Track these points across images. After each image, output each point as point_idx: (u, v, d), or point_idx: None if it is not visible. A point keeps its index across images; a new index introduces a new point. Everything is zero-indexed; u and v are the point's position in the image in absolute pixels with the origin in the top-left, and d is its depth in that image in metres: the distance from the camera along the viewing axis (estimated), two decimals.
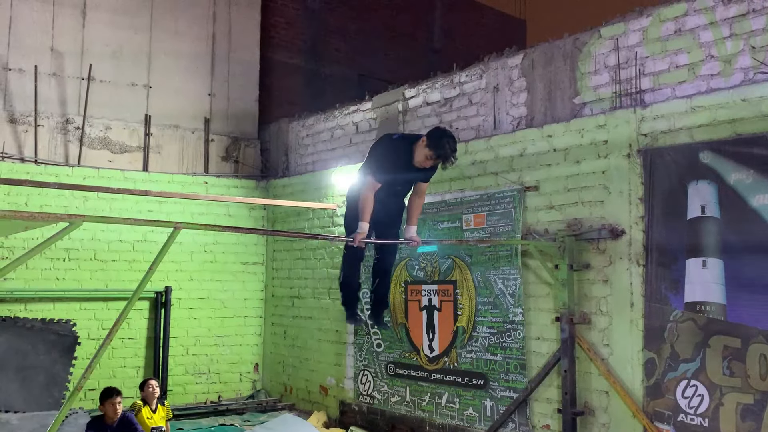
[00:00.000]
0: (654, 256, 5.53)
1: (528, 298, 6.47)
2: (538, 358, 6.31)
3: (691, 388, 5.21)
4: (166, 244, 4.04)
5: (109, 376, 8.85)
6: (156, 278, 9.24)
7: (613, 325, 5.77)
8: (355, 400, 8.31)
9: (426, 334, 7.43)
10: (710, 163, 5.24)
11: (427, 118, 7.89)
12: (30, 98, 9.13)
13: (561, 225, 6.21)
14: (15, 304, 8.59)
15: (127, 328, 9.17)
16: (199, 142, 10.35)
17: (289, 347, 9.72)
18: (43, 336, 8.50)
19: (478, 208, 7.00)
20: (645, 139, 5.69)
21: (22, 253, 6.67)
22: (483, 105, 7.26)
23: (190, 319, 9.67)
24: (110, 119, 9.72)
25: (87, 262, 9.07)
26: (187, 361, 9.59)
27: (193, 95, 10.41)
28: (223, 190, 10.03)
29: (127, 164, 9.70)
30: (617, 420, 5.68)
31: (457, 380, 7.02)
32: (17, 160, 8.95)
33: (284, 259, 10.02)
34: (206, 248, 9.87)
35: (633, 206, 5.72)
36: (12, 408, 7.96)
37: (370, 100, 8.76)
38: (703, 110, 5.32)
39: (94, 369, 7.97)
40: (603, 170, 5.96)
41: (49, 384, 8.33)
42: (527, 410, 6.34)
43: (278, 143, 10.58)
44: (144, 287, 4.01)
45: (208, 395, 9.68)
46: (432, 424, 7.25)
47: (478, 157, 7.04)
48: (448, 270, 7.27)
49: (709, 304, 5.19)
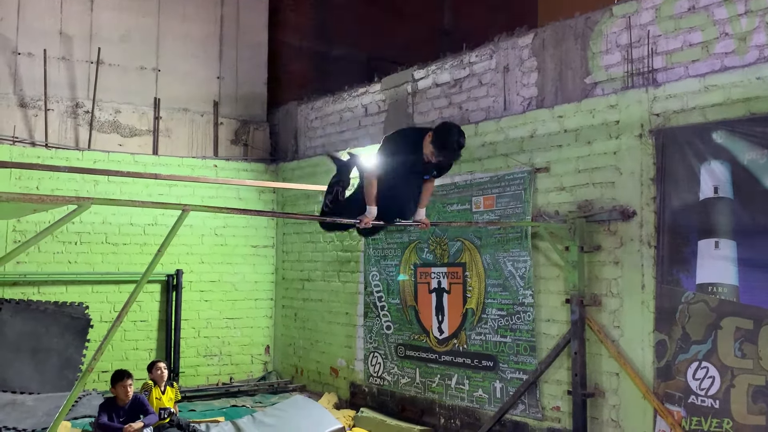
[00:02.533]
0: (665, 238, 5.48)
1: (538, 280, 6.44)
2: (548, 340, 6.30)
3: (702, 369, 5.18)
4: (175, 226, 4.04)
5: (122, 359, 8.94)
6: (167, 261, 9.33)
7: (624, 307, 5.74)
8: (365, 381, 8.35)
9: (435, 316, 7.43)
10: (723, 143, 5.17)
11: (436, 100, 7.83)
12: (39, 82, 9.14)
13: (572, 207, 6.16)
14: (28, 287, 8.68)
15: (139, 311, 9.26)
16: (208, 126, 10.35)
17: (299, 329, 9.77)
18: (57, 319, 8.59)
19: (488, 191, 6.95)
20: (657, 119, 5.61)
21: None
22: (493, 86, 7.19)
23: (202, 301, 9.74)
24: (119, 103, 9.73)
25: (98, 245, 9.13)
26: (198, 343, 9.67)
27: (201, 78, 10.39)
28: (232, 174, 10.04)
29: (136, 148, 9.72)
30: (627, 402, 5.67)
31: (467, 362, 7.03)
32: (28, 144, 8.99)
33: (294, 242, 10.04)
34: (216, 231, 9.91)
35: (645, 187, 5.66)
36: (27, 389, 8.07)
37: (379, 82, 8.70)
38: (717, 89, 5.23)
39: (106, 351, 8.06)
40: (614, 151, 5.90)
41: (63, 366, 8.43)
42: (537, 392, 6.34)
43: (287, 126, 10.56)
44: (154, 269, 4.01)
45: (220, 377, 9.76)
46: (442, 405, 7.28)
47: (488, 139, 6.99)
48: (458, 252, 7.25)
49: (721, 286, 5.14)
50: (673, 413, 5.31)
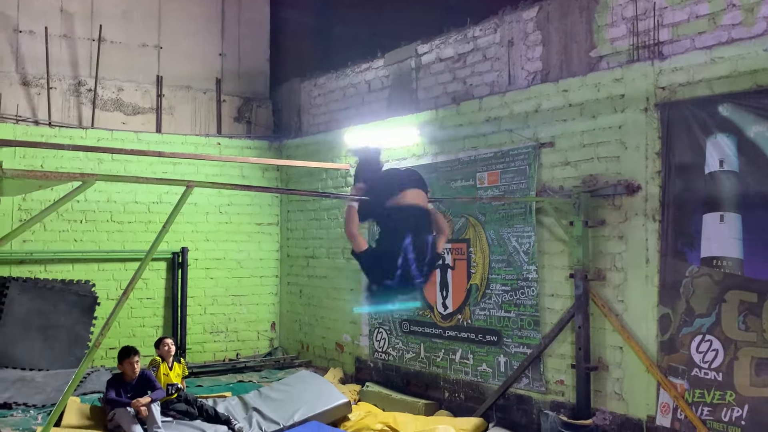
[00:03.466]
0: (670, 212, 5.47)
1: (542, 256, 6.45)
2: (552, 314, 6.32)
3: (706, 342, 5.20)
4: (179, 202, 4.05)
5: (129, 335, 9.03)
6: (172, 239, 9.37)
7: (628, 281, 5.75)
8: (370, 356, 8.42)
9: (440, 292, 7.46)
10: (730, 116, 5.12)
11: (440, 75, 7.78)
12: (41, 60, 9.11)
13: (576, 181, 6.15)
14: (35, 265, 8.74)
15: (145, 288, 9.32)
16: (211, 103, 10.31)
17: (305, 306, 9.82)
18: (64, 296, 8.67)
19: (492, 166, 6.93)
20: (663, 92, 5.56)
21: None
22: (497, 60, 7.13)
23: (207, 279, 9.79)
24: (122, 81, 9.70)
25: (104, 223, 9.17)
26: (204, 320, 9.75)
27: (203, 55, 10.34)
28: (236, 152, 10.03)
29: (140, 126, 9.70)
30: (631, 375, 5.71)
31: (471, 337, 7.07)
32: (31, 122, 8.98)
33: (298, 219, 10.06)
34: (221, 209, 9.93)
35: (650, 161, 5.63)
36: (36, 366, 8.17)
37: (382, 58, 8.63)
38: (724, 61, 5.18)
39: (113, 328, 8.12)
40: (619, 125, 5.86)
41: (70, 343, 8.52)
42: (541, 366, 6.39)
43: (290, 103, 10.52)
44: (158, 245, 4.03)
45: (226, 353, 9.85)
46: (446, 379, 7.34)
47: (492, 114, 6.95)
48: (462, 229, 7.25)
49: (725, 259, 5.14)
50: (676, 386, 5.35)
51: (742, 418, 4.97)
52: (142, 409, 6.12)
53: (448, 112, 7.46)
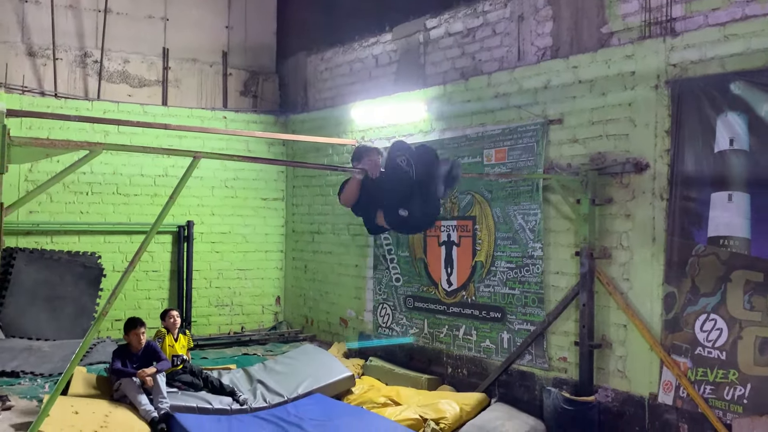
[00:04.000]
0: (678, 190, 5.44)
1: (548, 233, 6.44)
2: (557, 292, 6.33)
3: (710, 321, 5.20)
4: (186, 173, 4.05)
5: (135, 307, 9.10)
6: (178, 213, 9.39)
7: (634, 260, 5.74)
8: (374, 331, 8.47)
9: (444, 268, 7.47)
10: (741, 94, 5.06)
11: (449, 50, 7.70)
12: (47, 31, 9.06)
13: (584, 159, 6.11)
14: (41, 236, 8.78)
15: (151, 261, 9.37)
16: (217, 76, 10.26)
17: (309, 281, 9.86)
18: (70, 268, 8.72)
19: (500, 143, 6.89)
20: (674, 69, 5.50)
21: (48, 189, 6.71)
22: (507, 35, 7.05)
23: (213, 252, 9.83)
24: (128, 53, 9.64)
25: (110, 195, 9.18)
26: (210, 294, 9.81)
27: (210, 28, 10.26)
28: (242, 126, 9.99)
29: (146, 98, 9.67)
30: (634, 353, 5.72)
31: (475, 313, 7.09)
32: (37, 93, 8.96)
33: (304, 195, 10.06)
34: (227, 183, 9.93)
35: (659, 139, 5.59)
36: (43, 336, 8.25)
37: (390, 32, 8.54)
38: (737, 38, 5.10)
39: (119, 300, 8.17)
40: (629, 102, 5.81)
41: (77, 314, 8.59)
42: (544, 343, 6.41)
43: (296, 77, 10.45)
44: (165, 217, 4.04)
45: (231, 326, 9.92)
46: (449, 355, 7.38)
47: (501, 90, 6.89)
48: (468, 206, 7.23)
49: (732, 239, 5.12)
50: (679, 364, 5.36)
51: (744, 396, 4.98)
52: (147, 380, 6.18)
53: (456, 87, 7.40)
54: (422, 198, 4.71)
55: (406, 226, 4.95)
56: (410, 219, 4.71)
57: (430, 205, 4.83)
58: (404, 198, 4.64)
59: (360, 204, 5.00)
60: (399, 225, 4.85)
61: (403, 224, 4.84)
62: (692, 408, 5.28)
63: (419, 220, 4.81)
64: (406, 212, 4.68)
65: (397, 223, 4.79)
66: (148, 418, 5.92)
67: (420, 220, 4.84)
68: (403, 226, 4.93)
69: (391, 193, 4.70)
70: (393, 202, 4.72)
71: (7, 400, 6.16)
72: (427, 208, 4.80)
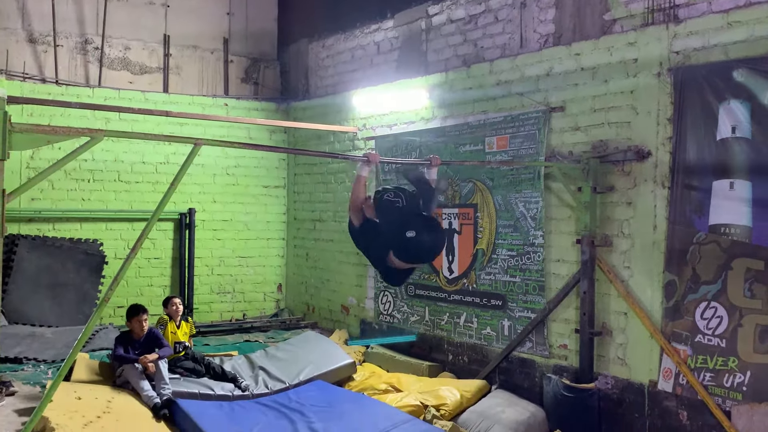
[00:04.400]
0: (680, 178, 5.43)
1: (549, 221, 6.44)
2: (558, 279, 6.34)
3: (711, 309, 5.22)
4: (187, 160, 4.05)
5: (137, 295, 9.13)
6: (179, 200, 9.40)
7: (635, 248, 5.74)
8: (375, 319, 8.50)
9: (446, 256, 7.48)
10: (744, 82, 5.04)
11: (451, 37, 7.67)
12: (48, 17, 9.03)
13: (586, 147, 6.10)
14: (43, 223, 8.80)
15: (153, 249, 9.39)
16: (218, 63, 10.23)
17: (311, 269, 9.89)
18: (72, 255, 8.74)
19: (502, 131, 6.88)
20: (677, 57, 5.47)
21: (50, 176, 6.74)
22: (509, 22, 7.01)
23: (214, 240, 9.85)
24: (129, 39, 9.61)
25: (111, 183, 9.19)
26: (212, 281, 9.84)
27: (211, 14, 10.22)
28: (243, 113, 9.98)
29: (147, 85, 9.65)
30: (634, 340, 5.74)
31: (476, 301, 7.11)
32: (38, 80, 8.95)
33: (305, 182, 10.05)
34: (228, 171, 9.93)
35: (661, 127, 5.57)
36: (46, 323, 8.29)
37: (392, 18, 8.50)
38: (740, 25, 5.08)
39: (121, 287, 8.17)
40: (631, 90, 5.78)
41: (79, 300, 8.63)
42: (545, 330, 6.43)
43: (298, 65, 10.42)
44: (166, 204, 4.04)
45: (233, 313, 9.96)
46: (450, 342, 7.41)
47: (502, 77, 6.87)
48: (469, 194, 7.23)
49: (734, 227, 5.11)
50: (679, 351, 5.38)
51: (744, 384, 5.00)
52: (149, 366, 6.22)
53: (458, 75, 7.37)
54: (421, 218, 4.64)
55: (420, 248, 4.62)
56: (419, 238, 4.52)
57: (431, 222, 4.74)
58: (404, 224, 4.55)
59: (372, 255, 4.94)
60: (412, 251, 4.60)
61: (416, 248, 4.58)
62: (692, 395, 5.30)
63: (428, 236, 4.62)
64: (413, 233, 4.58)
65: (409, 248, 4.58)
66: (150, 404, 5.96)
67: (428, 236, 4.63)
68: (416, 250, 4.61)
69: (390, 225, 4.64)
70: (395, 231, 4.60)
71: (11, 386, 6.21)
72: (430, 224, 4.69)
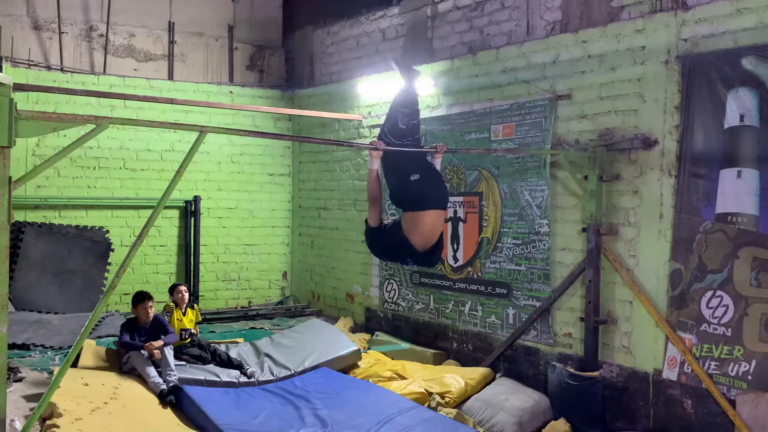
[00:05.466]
0: (687, 167, 5.40)
1: (555, 210, 6.42)
2: (563, 268, 6.33)
3: (717, 298, 5.20)
4: (193, 148, 4.04)
5: (143, 282, 9.17)
6: (185, 188, 9.41)
7: (641, 236, 5.73)
8: (380, 307, 8.52)
9: (451, 244, 7.48)
10: (753, 69, 5.00)
11: (456, 24, 7.62)
12: (52, 4, 9.00)
13: (592, 135, 6.06)
14: (49, 211, 8.83)
15: (158, 236, 9.42)
16: (223, 51, 10.20)
17: (316, 256, 9.90)
18: (78, 242, 8.77)
19: (508, 119, 6.84)
20: (685, 44, 5.43)
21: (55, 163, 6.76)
22: (516, 9, 6.96)
23: (220, 227, 9.87)
24: (134, 26, 9.58)
25: (117, 170, 9.20)
26: (217, 268, 9.87)
27: (216, 1, 10.19)
28: (248, 101, 9.95)
29: (152, 73, 9.63)
30: (639, 329, 5.74)
31: (481, 289, 7.11)
32: (43, 68, 8.94)
33: (310, 170, 10.05)
34: (233, 159, 9.93)
35: (668, 115, 5.54)
36: (53, 309, 8.34)
37: (397, 5, 8.45)
38: (750, 12, 5.02)
39: (127, 274, 8.16)
40: (639, 77, 5.74)
41: (85, 287, 8.67)
42: (549, 318, 6.43)
43: (303, 52, 10.37)
44: (172, 191, 4.04)
45: (239, 301, 10.00)
46: (455, 330, 7.42)
47: (509, 65, 6.82)
48: (475, 182, 7.21)
49: (741, 216, 5.09)
50: (684, 340, 5.38)
51: (749, 373, 5.00)
52: (155, 352, 6.25)
53: (463, 62, 7.33)
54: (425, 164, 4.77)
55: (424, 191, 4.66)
56: (423, 181, 4.59)
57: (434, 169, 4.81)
58: (409, 167, 4.63)
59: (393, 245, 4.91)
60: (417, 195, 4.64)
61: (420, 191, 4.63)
62: (696, 384, 5.30)
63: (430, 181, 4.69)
64: (417, 175, 4.67)
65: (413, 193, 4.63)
66: (156, 390, 5.99)
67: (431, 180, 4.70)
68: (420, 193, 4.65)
69: (396, 174, 4.69)
70: (401, 178, 4.67)
71: (18, 372, 6.25)
72: (432, 170, 4.77)
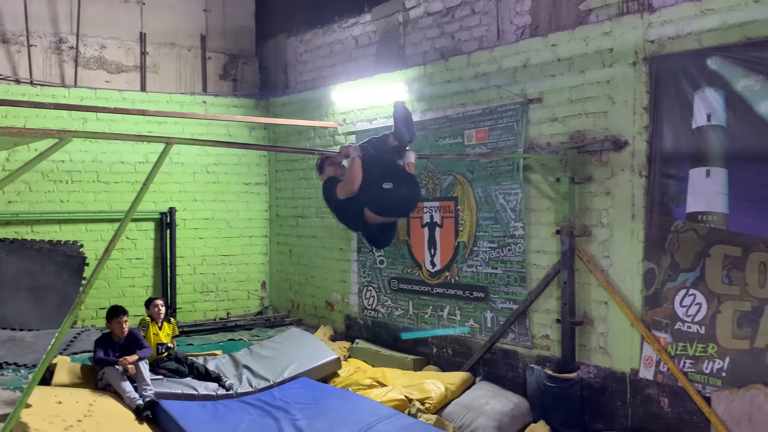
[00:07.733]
0: (657, 167, 5.45)
1: (529, 213, 6.45)
2: (538, 270, 6.36)
3: (690, 297, 5.25)
4: (159, 159, 4.00)
5: (119, 296, 9.05)
6: (159, 199, 9.32)
7: (614, 237, 5.77)
8: (360, 314, 8.48)
9: (428, 250, 7.48)
10: (718, 69, 5.06)
11: (428, 30, 7.64)
12: (20, 17, 8.89)
13: (564, 138, 6.10)
14: (21, 226, 8.69)
15: (134, 249, 9.31)
16: (196, 61, 10.13)
17: (294, 265, 9.85)
18: (52, 257, 8.64)
19: (480, 123, 6.87)
20: (652, 46, 5.48)
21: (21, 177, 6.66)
22: (486, 14, 6.99)
23: (196, 239, 9.77)
24: (105, 38, 9.49)
25: (90, 183, 9.09)
26: (194, 280, 9.77)
27: (187, 11, 10.11)
28: (222, 110, 9.89)
29: (124, 84, 9.54)
30: (615, 329, 5.77)
31: (459, 293, 7.11)
32: (12, 81, 8.81)
33: (287, 179, 10.00)
34: (208, 169, 9.85)
35: (637, 116, 5.59)
36: (26, 326, 8.20)
37: (369, 12, 8.46)
38: (713, 13, 5.09)
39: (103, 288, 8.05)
40: (608, 80, 5.79)
41: (60, 303, 8.53)
42: (527, 321, 6.45)
43: (276, 60, 10.34)
44: (139, 203, 4.00)
45: (217, 312, 9.91)
46: (434, 335, 7.41)
47: (480, 70, 6.85)
48: (450, 187, 7.22)
49: (711, 214, 5.15)
50: (659, 339, 5.42)
51: (723, 369, 5.05)
52: (129, 367, 6.17)
53: (436, 67, 7.35)
54: (399, 171, 4.78)
55: (397, 199, 4.64)
56: (396, 189, 4.60)
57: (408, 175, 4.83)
58: (382, 175, 4.61)
59: (350, 219, 4.86)
60: (390, 202, 4.63)
61: (393, 199, 4.61)
62: (672, 382, 5.34)
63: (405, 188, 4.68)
64: (390, 184, 4.65)
65: (385, 200, 4.60)
66: (133, 406, 5.91)
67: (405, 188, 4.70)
68: (393, 200, 4.64)
69: (368, 180, 4.63)
70: (373, 184, 4.64)
71: None
72: (406, 176, 4.80)
